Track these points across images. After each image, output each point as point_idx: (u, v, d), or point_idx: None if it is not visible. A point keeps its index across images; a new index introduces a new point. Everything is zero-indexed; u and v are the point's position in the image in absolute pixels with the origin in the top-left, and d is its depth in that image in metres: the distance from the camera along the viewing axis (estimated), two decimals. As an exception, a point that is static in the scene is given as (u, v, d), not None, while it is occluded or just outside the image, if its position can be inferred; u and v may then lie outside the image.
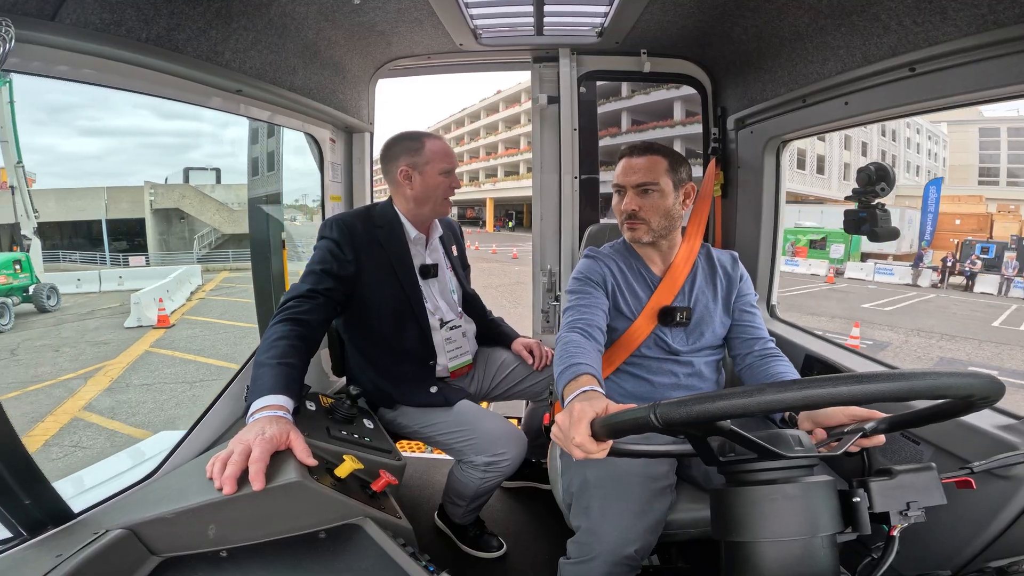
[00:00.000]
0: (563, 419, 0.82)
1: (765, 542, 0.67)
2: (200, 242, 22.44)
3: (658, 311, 1.34)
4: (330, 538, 0.90)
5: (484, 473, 1.54)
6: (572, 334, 1.17)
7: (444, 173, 1.59)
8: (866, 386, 0.58)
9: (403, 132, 1.64)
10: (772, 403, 0.60)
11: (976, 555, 1.00)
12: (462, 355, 1.73)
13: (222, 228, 22.69)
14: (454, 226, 1.91)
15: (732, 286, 1.40)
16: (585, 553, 1.10)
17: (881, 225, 1.42)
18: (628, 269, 1.39)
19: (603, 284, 1.35)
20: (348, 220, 1.55)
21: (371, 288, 1.54)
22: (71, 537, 0.89)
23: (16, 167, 11.98)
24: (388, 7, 1.65)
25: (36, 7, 0.92)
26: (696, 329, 1.36)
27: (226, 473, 0.88)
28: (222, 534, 0.86)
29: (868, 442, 0.80)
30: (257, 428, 0.98)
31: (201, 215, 22.68)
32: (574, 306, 1.29)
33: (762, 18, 1.51)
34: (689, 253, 1.40)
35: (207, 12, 1.26)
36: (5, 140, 11.34)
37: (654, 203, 1.30)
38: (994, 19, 0.97)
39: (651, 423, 0.66)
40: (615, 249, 1.44)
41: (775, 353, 1.32)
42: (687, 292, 1.37)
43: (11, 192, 12.08)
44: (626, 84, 25.37)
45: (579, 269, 1.39)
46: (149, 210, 21.48)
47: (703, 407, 0.62)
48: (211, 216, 22.74)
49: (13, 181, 11.89)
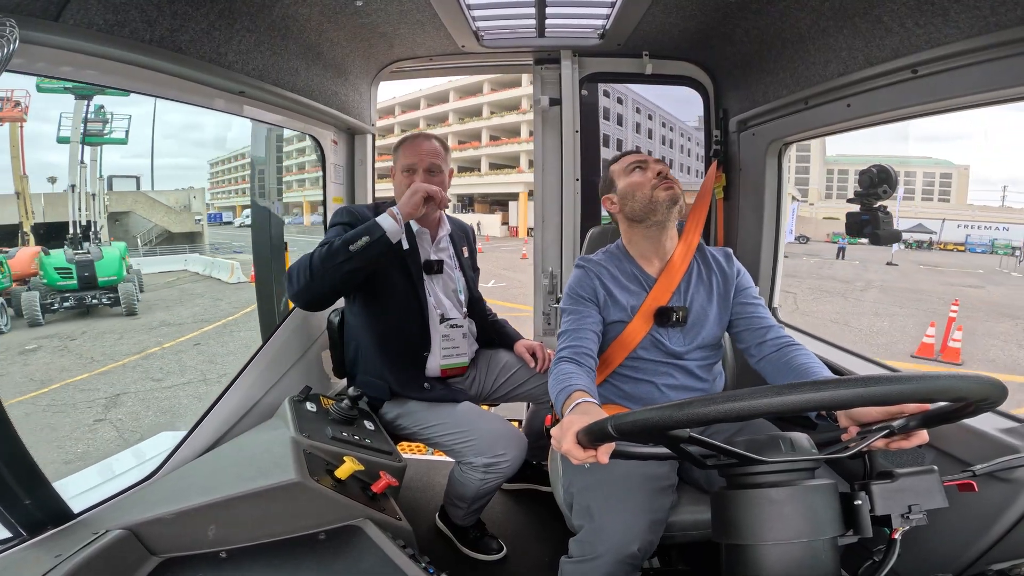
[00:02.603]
0: (556, 431, 0.87)
1: (766, 545, 0.66)
2: (142, 240, 24.69)
3: (654, 312, 1.33)
4: (330, 539, 0.90)
5: (484, 474, 1.54)
6: (564, 364, 1.19)
7: (405, 170, 1.62)
8: (832, 392, 0.59)
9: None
10: (700, 415, 0.62)
11: (978, 558, 1.00)
12: (458, 356, 1.73)
13: (171, 228, 25.76)
14: (468, 229, 1.93)
15: (728, 283, 1.38)
16: (587, 552, 1.10)
17: (883, 227, 1.42)
18: (621, 273, 1.38)
19: (594, 298, 1.34)
20: (359, 208, 1.62)
21: (378, 273, 1.58)
22: (71, 537, 0.89)
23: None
24: (390, 9, 1.66)
25: (40, 8, 0.92)
26: (692, 329, 1.34)
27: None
28: (222, 535, 0.86)
29: (907, 443, 0.81)
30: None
31: (152, 217, 25.90)
32: (566, 331, 1.30)
33: (764, 20, 1.51)
34: (686, 252, 1.39)
35: (210, 14, 1.27)
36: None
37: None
38: (996, 21, 0.97)
39: (609, 433, 0.71)
40: (608, 254, 1.42)
41: (792, 342, 1.28)
42: (683, 291, 1.36)
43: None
44: (487, 105, 35.09)
45: (570, 283, 1.39)
46: (105, 213, 23.02)
47: (646, 418, 0.65)
48: (160, 217, 26.04)
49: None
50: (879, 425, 0.80)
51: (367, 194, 2.35)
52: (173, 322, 10.28)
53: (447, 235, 1.77)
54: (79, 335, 9.07)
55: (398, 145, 1.66)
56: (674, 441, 0.69)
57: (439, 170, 1.62)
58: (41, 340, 8.75)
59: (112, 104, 12.01)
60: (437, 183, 1.59)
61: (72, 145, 10.71)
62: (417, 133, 1.70)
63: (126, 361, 7.92)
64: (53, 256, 10.00)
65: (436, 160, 1.61)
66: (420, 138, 1.65)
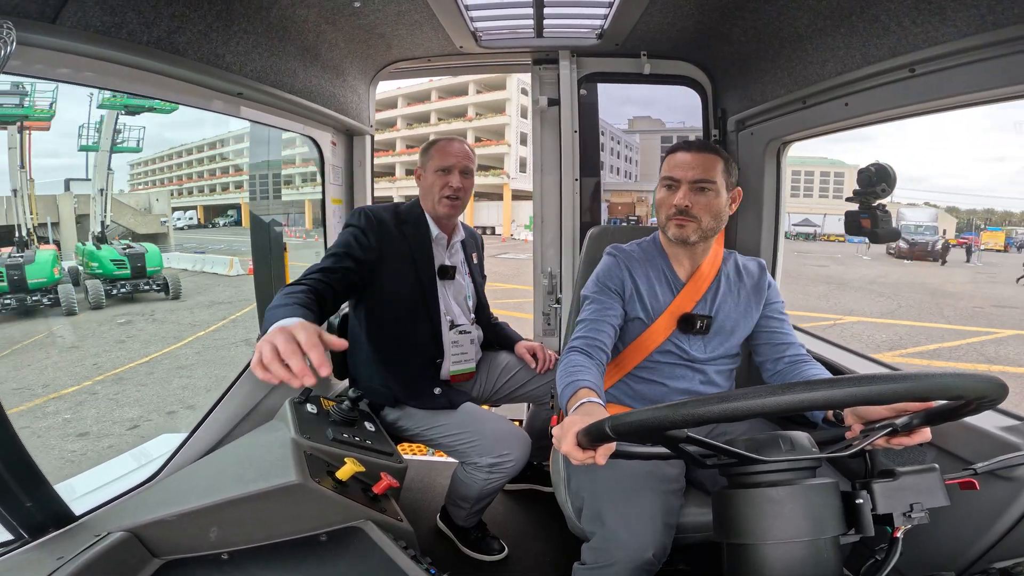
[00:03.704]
0: (557, 431, 0.87)
1: (767, 544, 0.66)
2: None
3: (678, 317, 1.30)
4: (331, 541, 0.90)
5: (488, 474, 1.54)
6: (574, 355, 1.17)
7: (439, 171, 1.62)
8: (825, 392, 0.59)
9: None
10: (695, 415, 0.62)
11: (980, 556, 1.00)
12: (465, 361, 1.73)
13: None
14: (477, 236, 1.94)
15: (760, 295, 1.35)
16: (602, 559, 1.09)
17: (881, 226, 1.42)
18: (652, 270, 1.34)
19: (620, 290, 1.31)
20: (377, 211, 1.61)
21: (389, 279, 1.57)
22: (72, 539, 0.88)
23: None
24: (388, 10, 1.65)
25: (37, 10, 0.92)
26: (715, 338, 1.32)
27: (295, 367, 0.78)
28: (223, 537, 0.86)
29: (909, 440, 0.81)
30: (280, 329, 0.85)
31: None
32: (584, 320, 1.27)
33: (762, 20, 1.51)
34: (714, 259, 1.35)
35: (208, 15, 1.26)
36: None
37: (708, 202, 1.23)
38: (993, 20, 0.97)
39: (606, 434, 0.71)
40: (642, 248, 1.38)
41: (806, 359, 1.27)
42: (709, 300, 1.32)
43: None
44: (435, 90, 36.55)
45: (599, 270, 1.36)
46: (73, 215, 23.21)
47: (643, 418, 0.66)
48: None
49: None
50: (882, 423, 0.80)
51: (366, 195, 2.35)
52: (219, 301, 11.88)
53: (460, 241, 1.77)
54: (149, 313, 10.63)
55: (428, 147, 1.67)
56: (672, 441, 0.69)
57: (471, 173, 1.66)
58: (122, 317, 10.26)
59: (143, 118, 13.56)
60: (468, 185, 1.65)
61: (100, 154, 12.06)
62: (450, 136, 1.71)
63: (219, 325, 9.74)
64: (106, 250, 11.35)
65: (469, 163, 1.65)
66: (454, 141, 1.67)
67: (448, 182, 1.60)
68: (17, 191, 11.69)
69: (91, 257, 11.21)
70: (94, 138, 12.70)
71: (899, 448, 0.82)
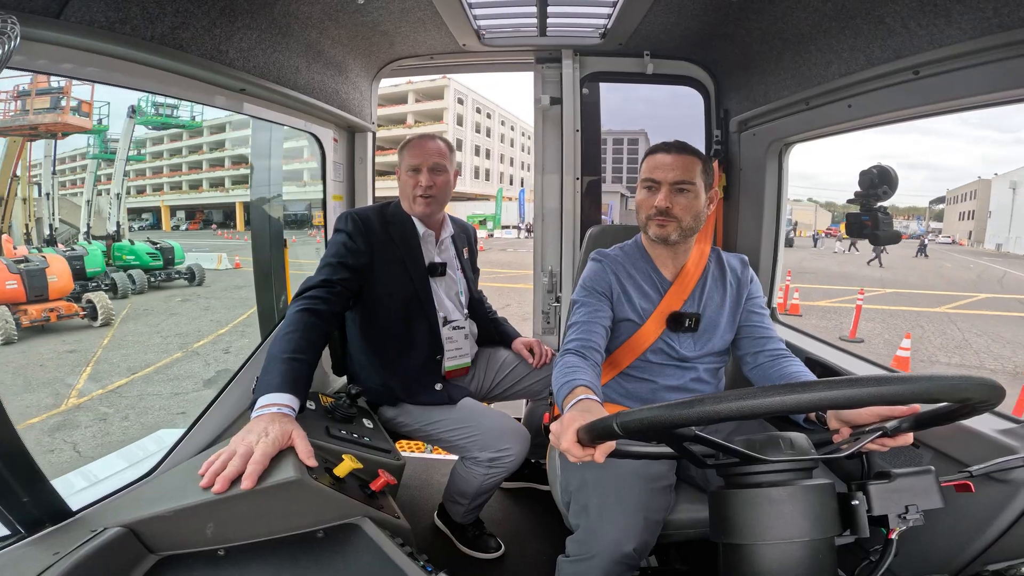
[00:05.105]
0: (556, 427, 0.87)
1: (763, 544, 0.67)
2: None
3: (667, 316, 1.32)
4: (328, 537, 0.90)
5: (488, 469, 1.54)
6: (569, 356, 1.18)
7: (410, 170, 1.60)
8: (818, 394, 0.58)
9: None
10: (710, 413, 0.61)
11: (974, 558, 1.00)
12: (460, 357, 1.73)
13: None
14: (469, 229, 1.92)
15: (742, 290, 1.38)
16: (584, 551, 1.10)
17: (883, 228, 1.41)
18: (637, 272, 1.36)
19: (608, 293, 1.33)
20: (363, 213, 1.60)
21: (382, 281, 1.56)
22: (69, 535, 0.88)
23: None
24: (392, 7, 1.65)
25: (42, 5, 0.92)
26: (704, 335, 1.34)
27: (224, 473, 0.87)
28: (220, 533, 0.86)
29: (892, 442, 0.80)
30: (260, 427, 0.98)
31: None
32: (575, 323, 1.28)
33: (765, 20, 1.51)
34: (700, 257, 1.38)
35: (211, 11, 1.26)
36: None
37: (688, 203, 1.26)
38: (999, 22, 0.96)
39: (614, 431, 0.70)
40: (625, 251, 1.41)
41: (787, 355, 1.30)
42: (697, 297, 1.35)
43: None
44: (411, 114, 39.88)
45: (584, 276, 1.38)
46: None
47: (654, 415, 0.65)
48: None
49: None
50: (873, 426, 0.81)
51: (367, 192, 2.35)
52: (233, 287, 13.28)
53: (449, 236, 1.76)
54: (193, 294, 12.14)
55: (403, 146, 1.66)
56: (679, 440, 0.69)
57: (444, 169, 1.62)
58: (176, 297, 11.83)
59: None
60: (441, 182, 1.61)
61: (117, 162, 13.28)
62: (423, 133, 1.69)
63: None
64: (140, 245, 13.12)
65: (441, 160, 1.61)
66: (426, 138, 1.64)
67: (418, 181, 1.58)
68: (49, 195, 13.31)
69: (128, 252, 12.91)
70: (97, 148, 14.54)
71: (884, 451, 0.82)
